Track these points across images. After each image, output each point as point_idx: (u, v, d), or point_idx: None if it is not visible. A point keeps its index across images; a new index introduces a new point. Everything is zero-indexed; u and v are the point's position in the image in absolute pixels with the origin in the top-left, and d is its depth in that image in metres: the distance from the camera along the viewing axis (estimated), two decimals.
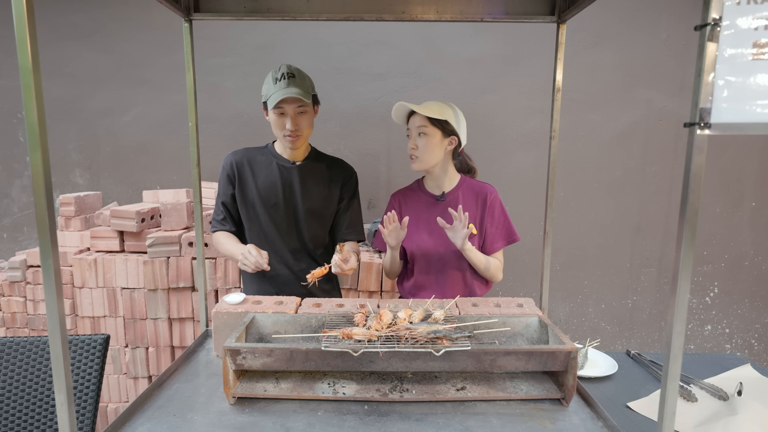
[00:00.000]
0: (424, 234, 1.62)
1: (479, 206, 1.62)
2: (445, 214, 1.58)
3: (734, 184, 2.78)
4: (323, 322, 1.28)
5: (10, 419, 1.37)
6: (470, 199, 1.63)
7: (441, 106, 1.55)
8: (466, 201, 1.62)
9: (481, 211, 1.62)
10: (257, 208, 1.64)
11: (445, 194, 1.63)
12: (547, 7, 1.56)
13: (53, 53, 2.66)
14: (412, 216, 1.62)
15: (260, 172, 1.65)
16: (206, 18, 1.57)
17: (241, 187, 1.64)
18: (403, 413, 1.05)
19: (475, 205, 1.62)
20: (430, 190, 1.67)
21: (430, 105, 1.53)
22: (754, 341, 2.94)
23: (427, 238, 1.61)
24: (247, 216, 1.66)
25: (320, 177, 1.68)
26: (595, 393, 1.30)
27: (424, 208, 1.64)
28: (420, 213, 1.64)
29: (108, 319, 2.28)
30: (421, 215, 1.64)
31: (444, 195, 1.63)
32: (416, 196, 1.68)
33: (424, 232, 1.62)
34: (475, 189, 1.64)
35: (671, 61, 2.67)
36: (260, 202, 1.63)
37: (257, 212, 1.64)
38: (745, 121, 0.71)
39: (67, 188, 2.77)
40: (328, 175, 1.70)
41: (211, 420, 1.03)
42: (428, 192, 1.66)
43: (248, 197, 1.65)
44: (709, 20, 0.69)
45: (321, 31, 2.65)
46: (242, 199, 1.65)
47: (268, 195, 1.62)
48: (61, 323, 0.81)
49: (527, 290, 2.83)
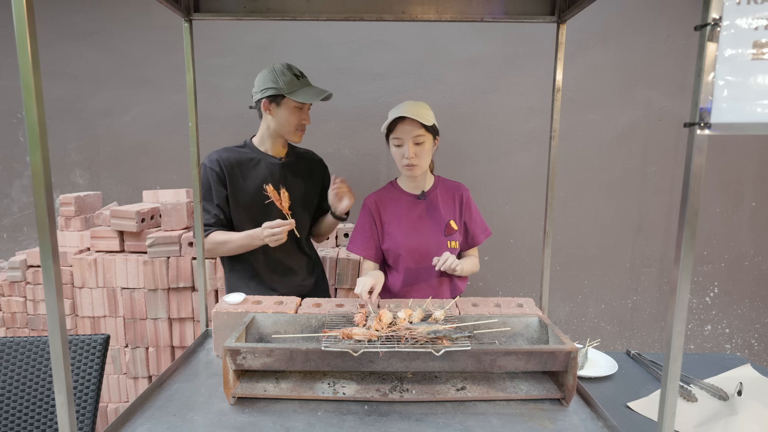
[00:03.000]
0: (408, 232, 1.64)
1: (456, 204, 1.69)
2: (427, 212, 1.66)
3: (734, 184, 2.78)
4: (323, 322, 1.28)
5: (10, 419, 1.37)
6: (447, 197, 1.70)
7: (424, 108, 1.58)
8: (444, 199, 1.69)
9: (459, 209, 1.69)
10: (252, 208, 1.65)
11: (425, 193, 1.68)
12: (547, 7, 1.56)
13: (53, 53, 2.66)
14: (392, 217, 1.65)
15: (249, 172, 1.65)
16: (206, 18, 1.57)
17: (233, 188, 1.65)
18: (403, 413, 1.05)
19: (452, 203, 1.69)
20: (408, 190, 1.69)
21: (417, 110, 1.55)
22: (754, 341, 2.94)
23: (411, 236, 1.64)
24: (240, 216, 1.67)
25: (302, 170, 1.77)
26: (595, 393, 1.30)
27: (405, 208, 1.67)
28: (399, 213, 1.66)
29: (108, 319, 2.28)
30: (403, 214, 1.66)
31: (424, 194, 1.67)
32: (394, 197, 1.70)
33: (408, 231, 1.64)
34: (451, 187, 1.72)
35: (671, 61, 2.67)
36: (254, 201, 1.64)
37: (252, 212, 1.65)
38: (745, 121, 0.71)
39: (67, 188, 2.77)
40: (307, 168, 1.80)
41: (211, 420, 1.03)
42: (406, 192, 1.70)
43: (242, 197, 1.65)
44: (709, 20, 0.69)
45: (321, 31, 2.65)
46: (235, 199, 1.65)
47: (261, 193, 1.63)
48: (61, 323, 0.81)
49: (527, 290, 2.83)
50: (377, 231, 1.69)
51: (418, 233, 1.65)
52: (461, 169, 2.76)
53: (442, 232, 1.65)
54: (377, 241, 1.69)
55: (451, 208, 1.68)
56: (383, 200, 1.70)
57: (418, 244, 1.64)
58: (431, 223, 1.66)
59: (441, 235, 1.65)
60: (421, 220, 1.66)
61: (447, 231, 1.65)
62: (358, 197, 1.76)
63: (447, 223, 1.66)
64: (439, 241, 1.64)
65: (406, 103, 1.58)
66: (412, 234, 1.65)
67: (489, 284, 2.83)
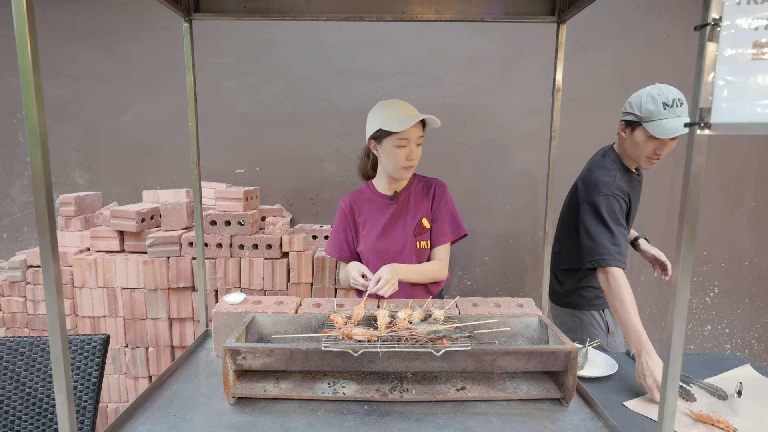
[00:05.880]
0: (378, 236, 1.62)
1: (429, 199, 1.64)
2: (398, 213, 1.62)
3: (734, 184, 2.78)
4: (323, 322, 1.28)
5: (10, 419, 1.37)
6: (420, 194, 1.65)
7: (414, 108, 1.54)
8: (417, 197, 1.65)
9: (431, 204, 1.64)
10: None
11: (398, 193, 1.64)
12: (547, 7, 1.56)
13: (53, 53, 2.66)
14: (365, 219, 1.63)
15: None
16: (206, 18, 1.57)
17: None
18: (403, 413, 1.05)
19: (425, 199, 1.64)
20: (381, 191, 1.66)
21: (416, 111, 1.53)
22: (754, 341, 2.94)
23: (380, 239, 1.61)
24: None
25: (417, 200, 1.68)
26: (595, 393, 1.30)
27: (377, 210, 1.64)
28: (373, 215, 1.64)
29: (108, 319, 2.28)
30: (375, 216, 1.64)
31: (396, 195, 1.64)
32: (367, 198, 1.67)
33: (378, 234, 1.62)
34: (425, 184, 1.67)
35: (671, 61, 2.67)
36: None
37: None
38: (745, 121, 0.71)
39: (67, 188, 2.77)
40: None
41: (211, 420, 1.03)
42: (380, 193, 1.66)
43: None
44: (709, 20, 0.69)
45: (321, 31, 2.65)
46: None
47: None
48: (61, 323, 0.81)
49: (527, 290, 2.83)
50: (351, 233, 1.66)
51: (388, 236, 1.62)
52: (461, 169, 2.76)
53: (412, 233, 1.61)
54: (351, 244, 1.66)
55: (425, 206, 1.63)
56: (357, 202, 1.67)
57: (387, 247, 1.61)
58: (401, 225, 1.62)
59: (410, 236, 1.61)
60: (392, 221, 1.62)
61: (417, 231, 1.61)
62: None
63: (418, 222, 1.61)
64: (408, 243, 1.60)
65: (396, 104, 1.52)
66: (381, 237, 1.62)
67: (489, 284, 2.83)
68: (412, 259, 1.61)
